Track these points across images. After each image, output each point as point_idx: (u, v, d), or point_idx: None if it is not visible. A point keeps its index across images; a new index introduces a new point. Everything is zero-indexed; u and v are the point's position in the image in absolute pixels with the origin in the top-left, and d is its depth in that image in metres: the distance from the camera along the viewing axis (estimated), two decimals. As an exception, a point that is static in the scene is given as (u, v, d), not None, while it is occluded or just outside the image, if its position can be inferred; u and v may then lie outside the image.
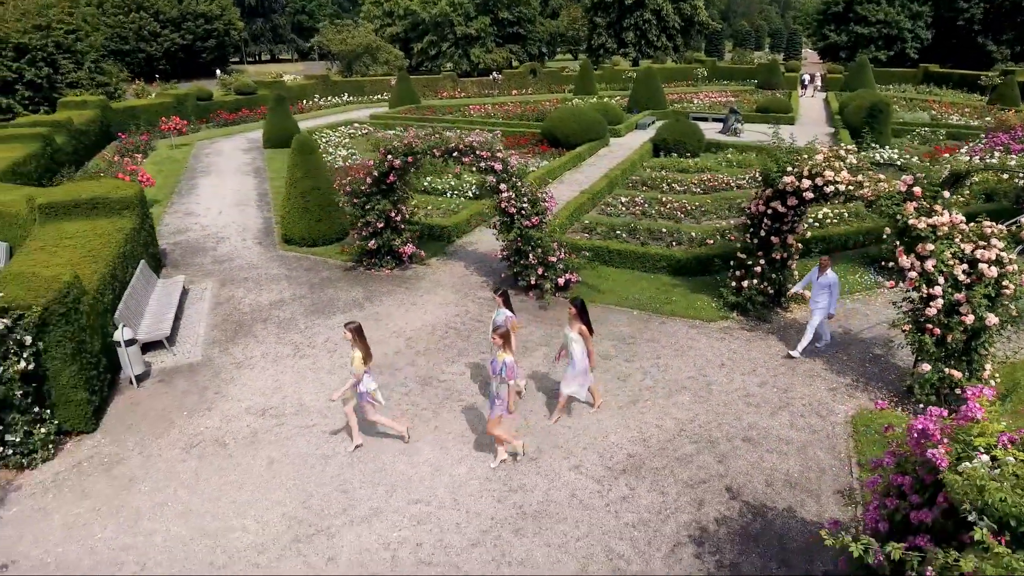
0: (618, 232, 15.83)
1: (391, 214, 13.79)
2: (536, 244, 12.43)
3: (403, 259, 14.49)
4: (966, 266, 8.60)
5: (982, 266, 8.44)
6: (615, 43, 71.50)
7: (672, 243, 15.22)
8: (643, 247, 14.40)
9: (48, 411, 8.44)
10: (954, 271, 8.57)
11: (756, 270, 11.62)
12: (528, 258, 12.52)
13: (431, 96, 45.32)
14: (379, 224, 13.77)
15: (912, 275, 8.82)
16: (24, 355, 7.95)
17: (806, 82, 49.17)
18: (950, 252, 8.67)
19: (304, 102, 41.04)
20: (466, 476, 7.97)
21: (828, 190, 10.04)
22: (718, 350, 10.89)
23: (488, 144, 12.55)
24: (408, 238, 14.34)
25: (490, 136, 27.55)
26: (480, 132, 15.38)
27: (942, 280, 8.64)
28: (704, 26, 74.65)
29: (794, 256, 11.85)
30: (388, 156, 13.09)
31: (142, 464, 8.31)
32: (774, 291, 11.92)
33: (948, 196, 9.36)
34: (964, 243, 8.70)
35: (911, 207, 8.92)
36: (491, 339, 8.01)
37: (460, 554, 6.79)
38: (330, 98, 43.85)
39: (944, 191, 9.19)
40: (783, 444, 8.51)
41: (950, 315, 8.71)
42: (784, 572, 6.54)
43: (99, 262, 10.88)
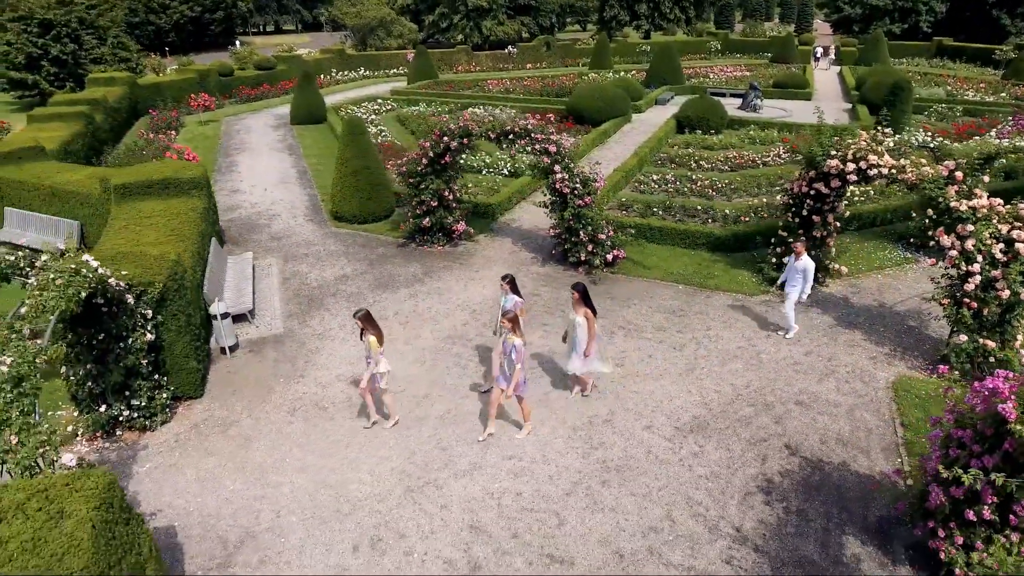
0: (655, 209, 16.52)
1: (444, 193, 14.50)
2: (587, 222, 13.16)
3: (454, 236, 15.23)
4: (1003, 245, 9.36)
5: (1018, 245, 9.19)
6: (627, 15, 71.07)
7: (708, 220, 15.95)
8: (683, 224, 15.13)
9: (164, 378, 9.29)
10: (992, 250, 9.34)
11: (797, 247, 12.36)
12: (579, 235, 13.27)
13: (446, 70, 45.49)
14: (433, 203, 14.48)
15: (952, 254, 9.58)
16: (148, 327, 8.77)
17: (819, 55, 49.28)
18: (988, 232, 9.42)
19: (323, 77, 41.27)
20: (550, 436, 8.84)
21: (872, 173, 10.75)
22: (763, 322, 11.70)
23: (542, 127, 13.21)
24: (459, 216, 15.06)
25: (512, 112, 28.07)
26: (503, 109, 15.94)
27: (980, 258, 9.41)
28: (715, -4, 74.09)
29: (832, 234, 12.58)
30: (444, 138, 13.74)
31: (253, 425, 9.18)
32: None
33: (987, 180, 10.07)
34: (1001, 224, 9.45)
35: (953, 190, 9.65)
36: (500, 323, 8.37)
37: (557, 502, 7.69)
38: (346, 72, 44.07)
39: (984, 176, 9.90)
40: (832, 407, 9.37)
41: (986, 290, 9.50)
42: (845, 516, 7.43)
43: (185, 240, 11.61)
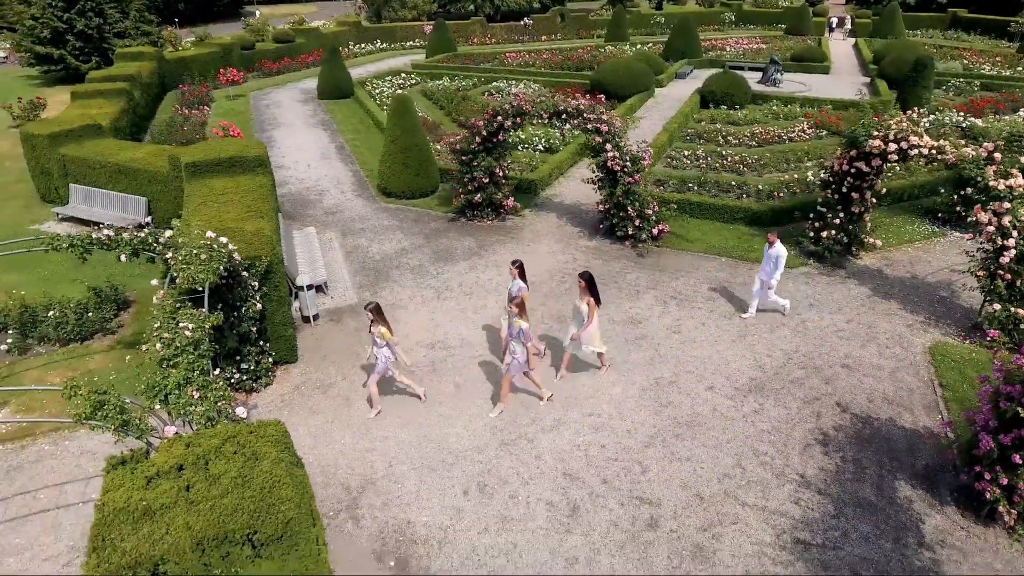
0: (690, 185, 17.23)
1: (495, 170, 15.22)
2: (635, 198, 13.91)
3: (501, 211, 15.98)
4: (1037, 221, 10.17)
5: (1052, 221, 10.00)
6: (638, -17, 70.36)
7: (742, 195, 16.68)
8: (721, 200, 15.87)
9: (266, 344, 10.15)
10: (1027, 225, 10.15)
11: (835, 222, 13.15)
12: (627, 211, 14.03)
13: (461, 43, 45.53)
14: (484, 179, 15.21)
15: (990, 229, 10.38)
16: (256, 297, 9.60)
17: (833, 25, 49.32)
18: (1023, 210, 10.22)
19: (340, 50, 41.36)
20: (621, 396, 9.75)
21: (912, 153, 11.49)
22: (804, 292, 12.54)
23: (593, 107, 13.89)
24: (507, 192, 15.80)
25: (536, 88, 28.48)
26: (527, 85, 16.45)
27: (1015, 233, 10.22)
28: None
29: (869, 210, 13.34)
30: (498, 117, 14.40)
31: (349, 387, 10.08)
32: (847, 241, 13.48)
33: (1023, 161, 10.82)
34: (1035, 201, 10.24)
35: (991, 170, 10.41)
36: (507, 308, 8.93)
37: (638, 452, 8.62)
38: (363, 45, 44.19)
39: (1022, 156, 10.65)
40: (876, 370, 10.26)
41: (1020, 263, 10.32)
42: (895, 464, 8.37)
43: (264, 217, 12.36)
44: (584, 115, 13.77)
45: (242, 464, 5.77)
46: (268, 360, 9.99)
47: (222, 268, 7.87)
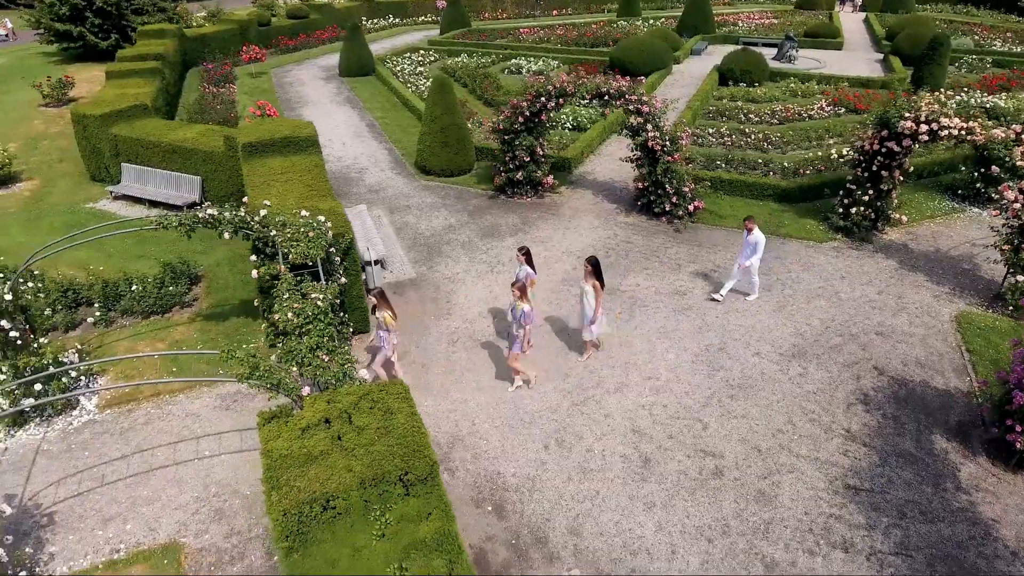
0: (718, 162, 17.92)
1: (536, 149, 15.89)
2: (673, 176, 14.62)
3: (540, 189, 16.67)
4: (1060, 198, 10.95)
5: (1074, 199, 10.78)
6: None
7: (768, 172, 17.38)
8: (751, 177, 16.58)
9: (345, 315, 10.94)
10: (1051, 202, 10.93)
11: (864, 199, 13.90)
12: (665, 188, 14.75)
13: (473, 17, 45.63)
14: (525, 158, 15.88)
15: (1016, 206, 11.16)
16: (340, 271, 10.36)
17: (842, -1, 49.44)
18: (1048, 187, 10.99)
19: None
20: (675, 361, 10.60)
21: (943, 134, 12.21)
22: (836, 265, 13.35)
23: (634, 88, 14.53)
24: (546, 170, 16.48)
25: (555, 65, 28.84)
26: (546, 62, 16.84)
27: (1040, 209, 11.01)
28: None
29: (896, 187, 14.08)
30: (541, 98, 15.02)
31: (423, 354, 10.91)
32: (875, 216, 14.24)
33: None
34: (1058, 180, 11.01)
35: (1020, 151, 11.16)
36: (511, 291, 9.36)
37: (697, 411, 9.49)
38: (376, 21, 44.25)
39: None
40: (907, 337, 11.12)
41: (1043, 237, 11.14)
42: (931, 421, 9.26)
43: (327, 195, 13.05)
44: (625, 96, 14.41)
45: (381, 417, 6.61)
46: (348, 330, 10.79)
47: (327, 244, 8.61)
